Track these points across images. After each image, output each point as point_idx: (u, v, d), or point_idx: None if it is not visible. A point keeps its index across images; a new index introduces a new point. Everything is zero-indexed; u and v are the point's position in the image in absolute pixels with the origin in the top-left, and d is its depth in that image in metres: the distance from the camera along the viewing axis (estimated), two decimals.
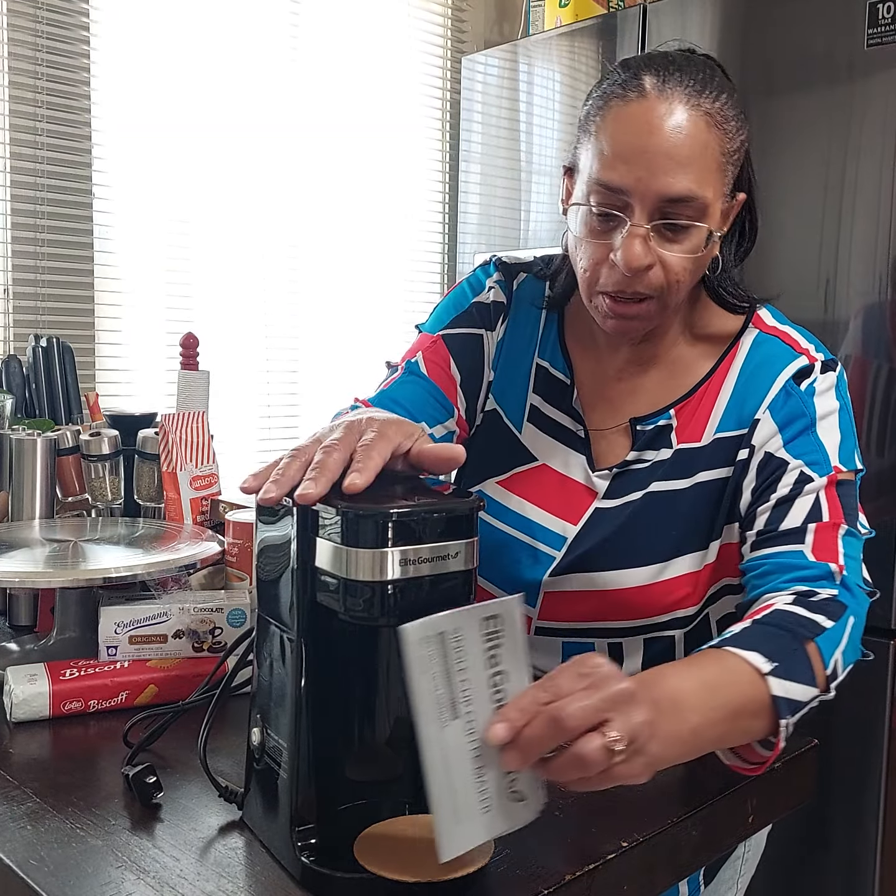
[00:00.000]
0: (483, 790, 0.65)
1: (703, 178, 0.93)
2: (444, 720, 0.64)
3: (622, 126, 0.93)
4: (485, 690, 0.65)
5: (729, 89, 0.97)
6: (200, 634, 1.02)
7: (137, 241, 2.26)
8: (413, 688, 0.62)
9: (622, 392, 1.08)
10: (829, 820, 1.95)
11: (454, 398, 1.10)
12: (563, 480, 1.07)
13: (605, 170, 0.94)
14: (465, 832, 0.64)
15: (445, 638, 0.64)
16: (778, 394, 0.99)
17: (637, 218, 0.93)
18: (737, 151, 0.97)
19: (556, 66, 2.43)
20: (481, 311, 1.12)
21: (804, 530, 0.92)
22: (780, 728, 0.79)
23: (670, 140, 0.91)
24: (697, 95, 0.93)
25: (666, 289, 0.96)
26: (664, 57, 0.97)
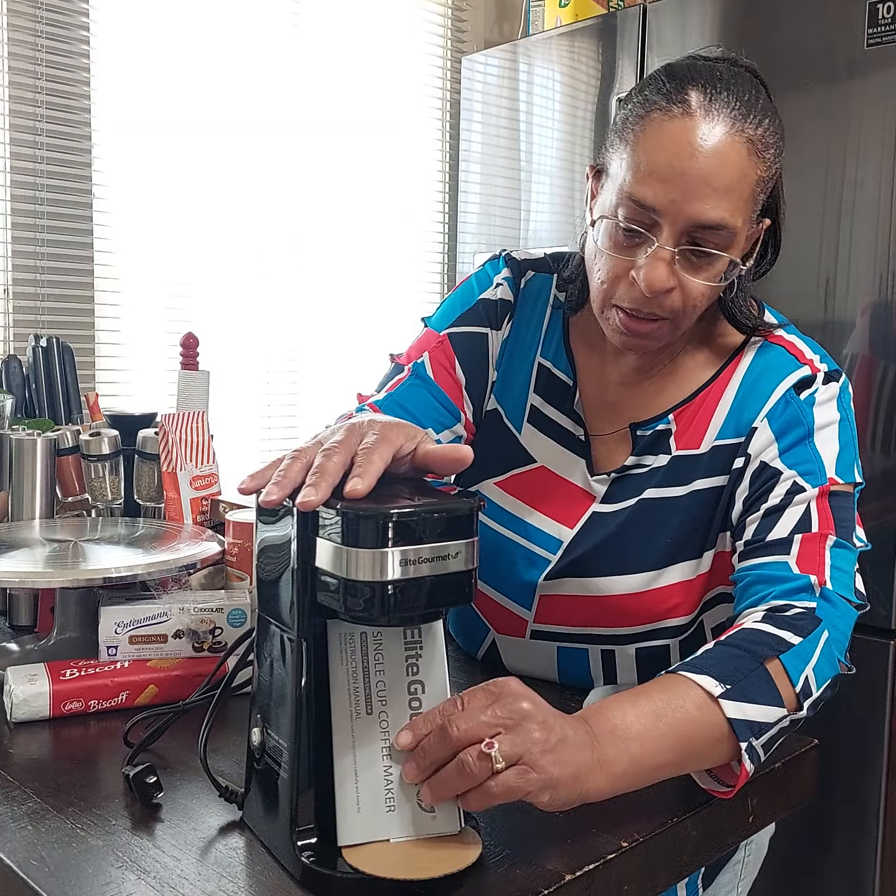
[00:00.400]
0: (389, 789, 0.69)
1: (736, 206, 0.91)
2: (358, 712, 0.70)
3: (662, 143, 0.90)
4: (401, 696, 0.71)
5: (772, 112, 0.94)
6: (200, 634, 1.02)
7: (137, 240, 2.26)
8: (331, 678, 0.68)
9: (624, 397, 1.06)
10: (830, 820, 1.95)
11: (460, 402, 1.09)
12: (562, 483, 1.06)
13: (638, 185, 0.91)
14: (364, 824, 0.69)
15: (367, 639, 0.71)
16: (777, 402, 0.98)
17: (664, 239, 0.91)
18: (771, 179, 0.95)
19: (556, 66, 2.43)
20: (488, 308, 1.11)
21: (790, 541, 0.91)
22: (743, 752, 0.77)
23: (710, 165, 0.88)
24: (742, 120, 0.90)
25: (681, 312, 0.95)
26: (711, 70, 0.93)
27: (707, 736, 0.78)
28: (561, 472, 1.07)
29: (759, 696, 0.79)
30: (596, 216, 0.97)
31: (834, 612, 0.87)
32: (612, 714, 0.75)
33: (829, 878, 1.96)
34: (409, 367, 1.09)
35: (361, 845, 0.69)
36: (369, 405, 1.06)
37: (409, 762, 0.69)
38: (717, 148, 0.89)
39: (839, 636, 0.86)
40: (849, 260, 1.88)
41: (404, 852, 0.69)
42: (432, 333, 1.11)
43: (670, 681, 0.79)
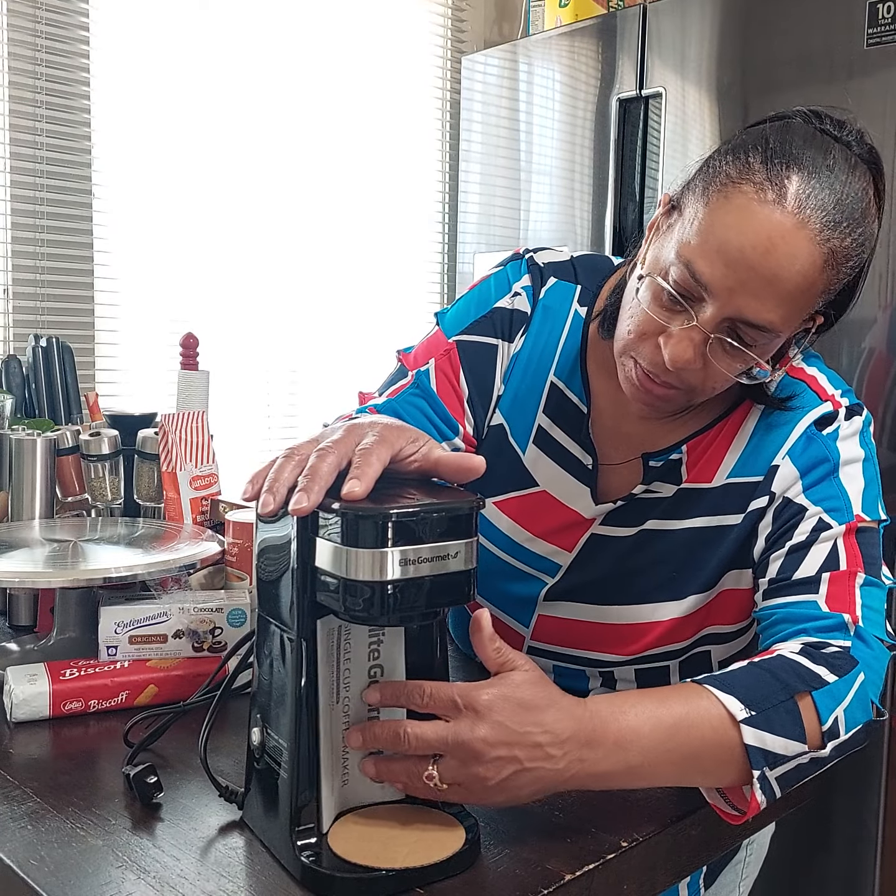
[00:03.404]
0: (345, 766, 0.74)
1: (790, 315, 0.85)
2: (331, 704, 0.73)
3: (741, 226, 0.82)
4: (362, 680, 0.74)
5: (871, 218, 0.87)
6: (200, 634, 1.02)
7: (137, 240, 2.26)
8: (319, 676, 0.70)
9: (641, 430, 1.01)
10: (830, 820, 1.95)
11: (460, 415, 1.04)
12: (562, 509, 1.03)
13: (700, 258, 0.84)
14: (334, 804, 0.73)
15: (341, 631, 0.73)
16: (798, 440, 0.94)
17: (704, 321, 0.85)
18: (839, 285, 0.88)
19: (556, 66, 2.43)
20: (503, 318, 1.05)
21: (818, 580, 0.88)
22: (754, 780, 0.76)
23: (781, 268, 0.82)
24: (833, 228, 0.83)
25: (700, 390, 0.90)
26: (825, 153, 0.84)
27: (716, 757, 0.77)
28: (563, 498, 1.02)
29: (782, 728, 0.77)
30: (646, 271, 0.90)
31: (869, 652, 0.84)
32: (626, 721, 0.75)
33: (829, 878, 1.96)
34: (413, 375, 1.05)
35: (349, 839, 0.70)
36: (370, 409, 1.03)
37: (353, 732, 0.72)
38: (794, 252, 0.82)
39: (875, 678, 0.84)
40: None
41: (392, 843, 0.70)
42: (441, 338, 1.06)
43: (694, 693, 0.78)
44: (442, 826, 0.72)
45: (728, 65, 2.07)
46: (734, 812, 0.80)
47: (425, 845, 0.70)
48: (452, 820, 0.73)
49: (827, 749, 0.79)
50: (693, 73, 2.12)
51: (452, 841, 0.70)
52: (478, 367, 1.05)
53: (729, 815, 0.81)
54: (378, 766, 0.72)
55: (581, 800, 0.81)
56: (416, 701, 0.71)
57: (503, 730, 0.70)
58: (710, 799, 0.82)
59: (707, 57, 2.09)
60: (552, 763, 0.71)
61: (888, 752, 1.86)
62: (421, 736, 0.70)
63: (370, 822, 0.73)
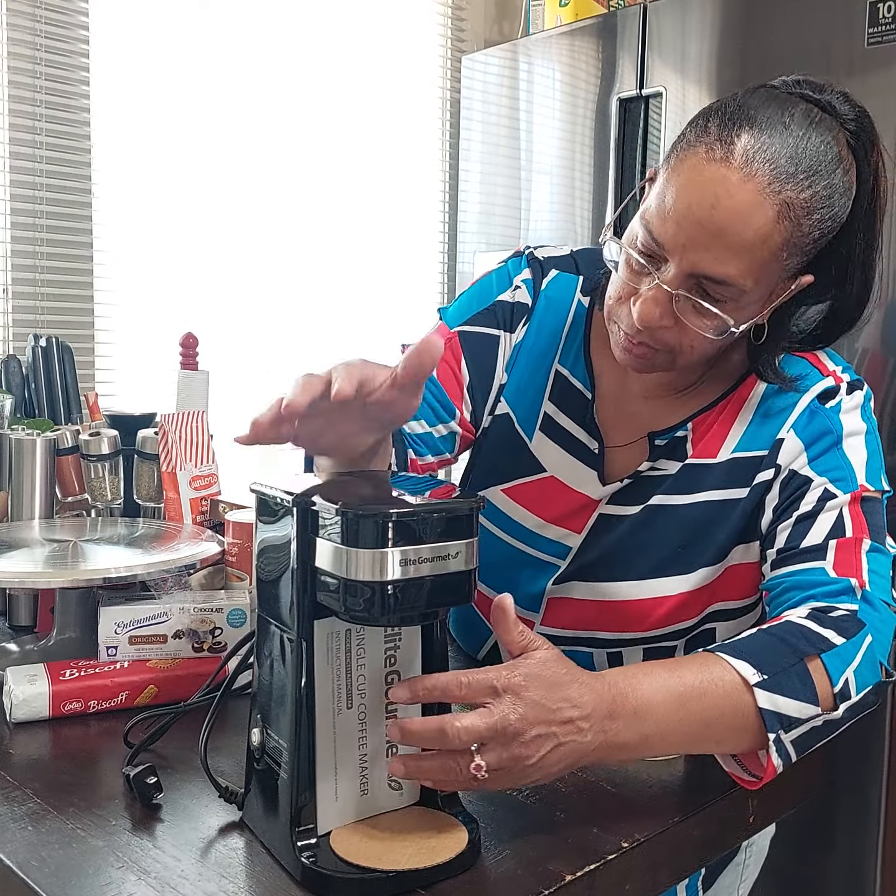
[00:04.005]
0: (364, 775, 0.73)
1: (749, 269, 0.86)
2: (339, 709, 0.72)
3: (690, 185, 0.86)
4: (379, 687, 0.73)
5: (840, 172, 0.87)
6: (200, 634, 1.02)
7: (136, 240, 2.26)
8: (315, 677, 0.70)
9: (645, 409, 1.04)
10: (830, 820, 1.95)
11: (459, 401, 1.07)
12: (570, 493, 1.05)
13: (656, 220, 0.88)
14: (341, 810, 0.72)
15: (352, 636, 0.72)
16: (801, 413, 0.96)
17: (666, 279, 0.88)
18: (811, 242, 0.89)
19: (556, 66, 2.43)
20: (504, 310, 1.09)
21: (825, 547, 0.90)
22: (769, 743, 0.78)
23: (728, 222, 0.84)
24: (785, 180, 0.84)
25: (678, 350, 0.92)
26: (783, 110, 0.87)
27: (729, 724, 0.79)
28: (571, 482, 1.05)
29: (794, 691, 0.79)
30: (622, 241, 0.94)
31: (876, 615, 0.86)
32: (641, 691, 0.76)
33: (829, 878, 1.96)
34: None
35: (352, 840, 0.70)
36: None
37: (393, 726, 0.70)
38: (740, 206, 0.84)
39: (882, 640, 0.85)
40: None
41: (393, 844, 0.70)
42: (444, 329, 1.09)
43: (707, 661, 0.80)
44: (443, 827, 0.72)
45: (728, 64, 2.07)
46: (751, 778, 0.82)
47: (427, 846, 0.70)
48: (454, 821, 0.73)
49: (839, 710, 0.81)
50: (693, 72, 2.11)
51: (454, 842, 0.70)
52: (479, 355, 1.08)
53: (746, 782, 0.83)
54: (408, 766, 0.70)
55: (582, 800, 0.81)
56: (455, 693, 0.70)
57: (540, 708, 0.71)
58: (726, 766, 0.83)
59: (707, 56, 2.09)
60: (581, 736, 0.72)
61: (888, 753, 1.86)
62: (471, 727, 0.68)
63: (372, 823, 0.73)
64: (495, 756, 0.69)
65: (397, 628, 0.74)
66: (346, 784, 0.72)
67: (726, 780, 0.85)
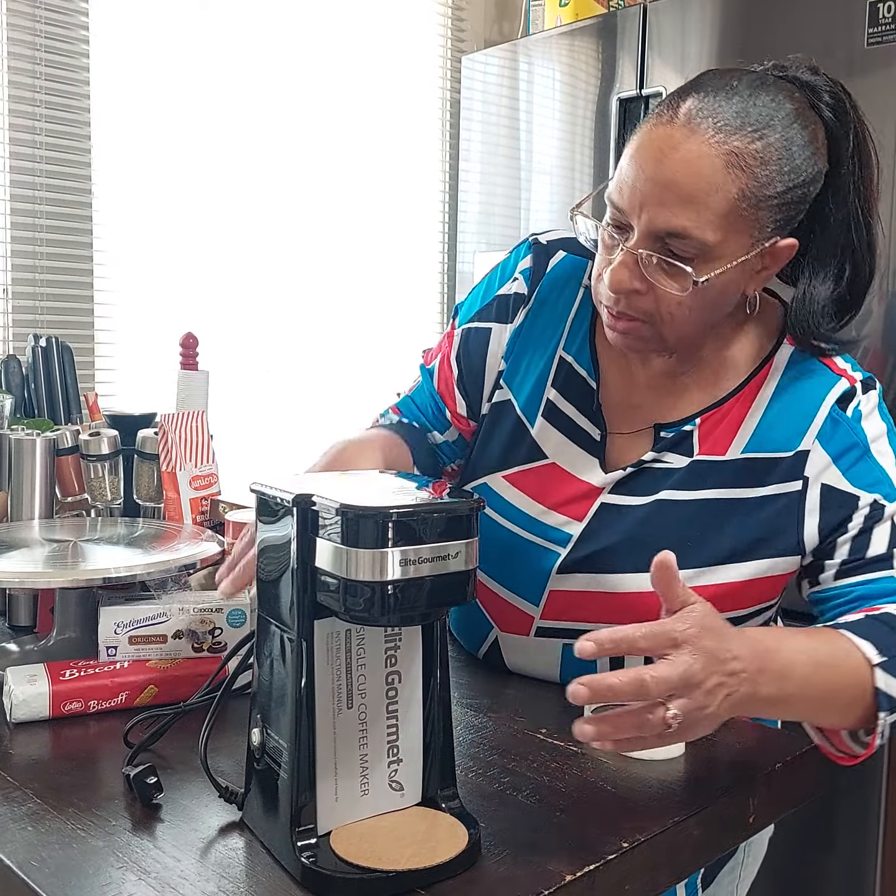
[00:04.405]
0: (364, 775, 0.73)
1: (705, 219, 0.88)
2: (339, 709, 0.72)
3: (639, 149, 0.91)
4: (379, 687, 0.73)
5: (794, 129, 0.89)
6: (200, 635, 1.02)
7: (136, 240, 2.26)
8: (315, 678, 0.70)
9: (650, 399, 1.05)
10: (830, 820, 1.95)
11: (450, 399, 1.13)
12: (572, 480, 1.05)
13: (615, 189, 0.93)
14: (341, 810, 0.72)
15: (352, 636, 0.72)
16: (825, 422, 0.97)
17: (633, 242, 0.91)
18: (778, 196, 0.90)
19: (556, 66, 2.43)
20: (500, 304, 1.11)
21: (891, 556, 0.94)
22: (879, 721, 0.84)
23: (674, 174, 0.87)
24: (730, 131, 0.87)
25: (658, 319, 0.93)
26: (729, 78, 0.91)
27: (851, 696, 0.84)
28: (572, 469, 1.05)
29: None
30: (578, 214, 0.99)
31: None
32: (785, 652, 0.80)
33: (829, 878, 1.96)
34: (419, 374, 1.17)
35: (352, 840, 0.70)
36: (392, 408, 1.17)
37: (577, 685, 0.70)
38: (685, 156, 0.87)
39: None
40: None
41: (393, 844, 0.70)
42: (451, 330, 1.15)
43: (834, 636, 0.86)
44: (443, 827, 0.72)
45: (728, 64, 2.07)
46: (840, 754, 0.89)
47: (427, 847, 0.70)
48: (454, 821, 0.73)
49: None
50: (693, 72, 2.09)
51: (454, 842, 0.70)
52: (470, 348, 1.12)
53: (839, 758, 0.89)
54: (600, 727, 0.71)
55: (582, 800, 0.81)
56: (642, 644, 0.72)
57: (714, 658, 0.73)
58: (817, 740, 0.90)
59: (707, 56, 2.09)
60: (743, 687, 0.75)
61: (888, 752, 1.86)
62: (665, 677, 0.70)
63: (372, 823, 0.73)
64: (682, 707, 0.71)
65: (397, 628, 0.74)
66: (346, 784, 0.72)
67: (727, 780, 0.85)
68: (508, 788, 0.82)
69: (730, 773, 0.86)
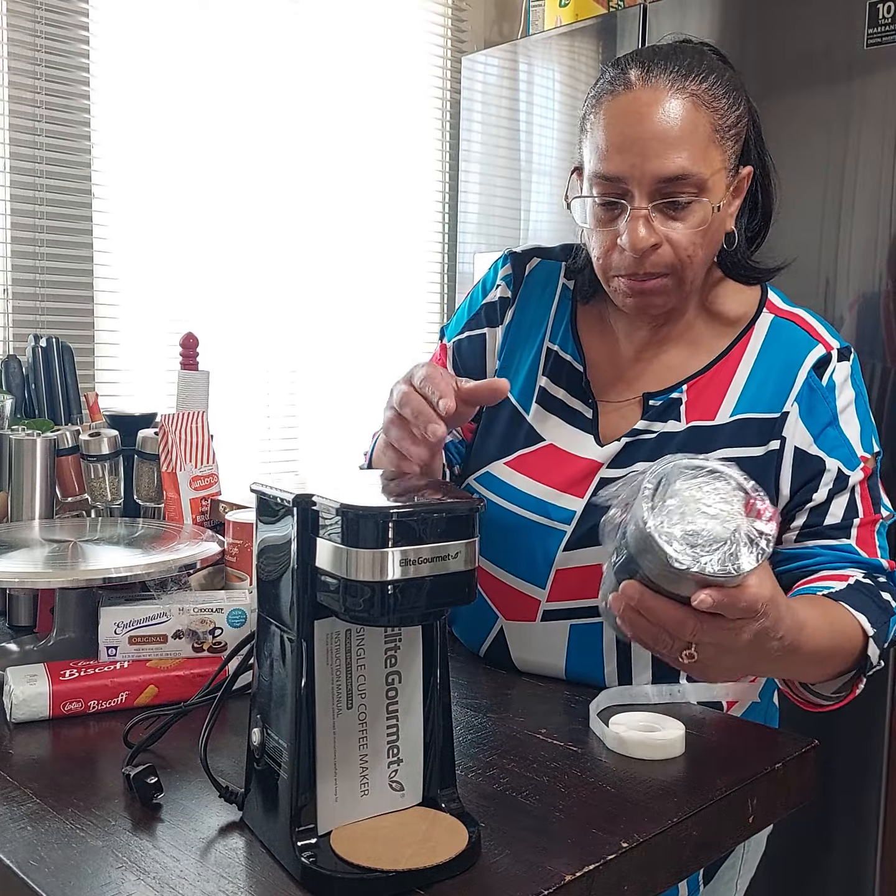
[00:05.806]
0: (364, 775, 0.73)
1: (696, 155, 0.97)
2: (339, 709, 0.72)
3: (613, 119, 0.99)
4: (380, 687, 0.74)
5: (720, 69, 1.01)
6: (200, 635, 1.02)
7: (137, 240, 2.26)
8: (315, 678, 0.70)
9: (638, 371, 1.11)
10: (830, 820, 1.95)
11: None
12: (570, 458, 1.09)
13: (601, 162, 0.99)
14: (341, 810, 0.72)
15: (352, 636, 0.72)
16: (802, 386, 1.03)
17: (637, 202, 0.98)
18: (733, 127, 1.01)
19: (556, 66, 2.43)
20: (488, 311, 1.18)
21: (848, 525, 1.01)
22: (860, 685, 0.97)
23: (659, 125, 0.96)
24: (682, 79, 0.98)
25: (679, 266, 1.00)
26: (651, 50, 1.02)
27: (844, 657, 0.93)
28: (569, 448, 1.10)
29: (882, 642, 0.95)
30: (579, 218, 1.04)
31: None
32: (799, 611, 0.86)
33: (829, 878, 1.96)
34: None
35: (352, 840, 0.70)
36: None
37: (616, 597, 0.79)
38: (661, 108, 0.97)
39: None
40: (848, 260, 1.88)
41: (393, 844, 0.70)
42: (442, 347, 1.22)
43: (836, 606, 0.94)
44: (443, 827, 0.72)
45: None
46: (799, 699, 1.00)
47: (427, 847, 0.70)
48: (454, 821, 0.73)
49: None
50: None
51: (454, 842, 0.70)
52: (463, 356, 1.19)
53: (800, 702, 1.00)
54: (627, 614, 0.79)
55: (581, 800, 0.81)
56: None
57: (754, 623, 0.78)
58: (782, 687, 1.01)
59: None
60: (775, 625, 0.79)
61: (888, 752, 1.86)
62: (682, 626, 0.78)
63: (372, 823, 0.73)
64: (704, 651, 0.79)
65: (397, 628, 0.74)
66: (347, 784, 0.72)
67: (726, 780, 0.85)
68: (508, 788, 0.82)
69: (730, 773, 0.86)
